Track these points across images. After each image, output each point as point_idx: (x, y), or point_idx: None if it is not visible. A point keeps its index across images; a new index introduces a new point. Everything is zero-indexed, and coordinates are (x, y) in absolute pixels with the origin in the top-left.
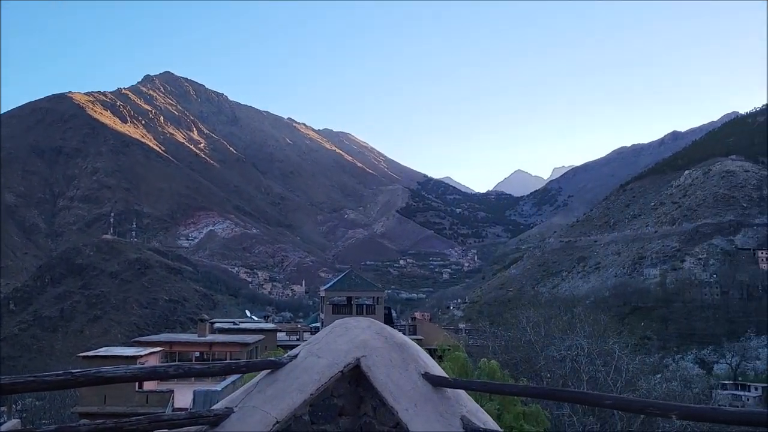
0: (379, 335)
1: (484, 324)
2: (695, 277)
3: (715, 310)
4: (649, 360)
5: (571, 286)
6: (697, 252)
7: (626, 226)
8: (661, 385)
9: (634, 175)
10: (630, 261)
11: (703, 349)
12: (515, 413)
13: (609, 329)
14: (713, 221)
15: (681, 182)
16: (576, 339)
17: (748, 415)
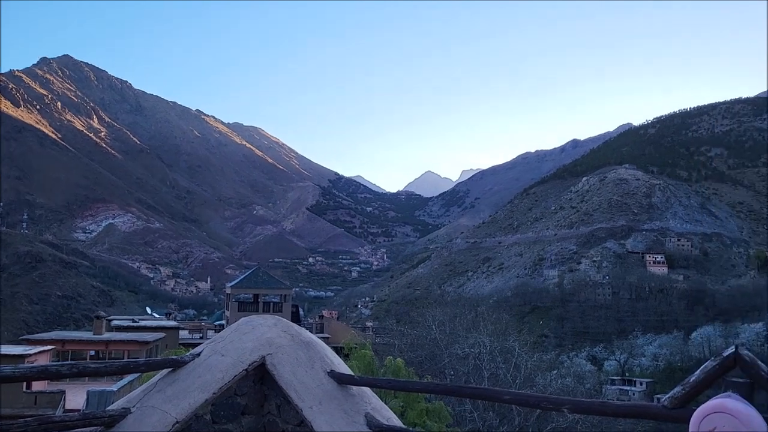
0: (285, 333)
1: (391, 322)
2: (590, 278)
3: (607, 310)
4: (546, 357)
5: (476, 286)
6: (592, 255)
7: (529, 229)
8: (557, 380)
9: (537, 180)
10: (531, 262)
11: (595, 346)
12: (419, 410)
13: (510, 328)
14: (607, 226)
15: (579, 188)
16: (479, 337)
17: (631, 407)
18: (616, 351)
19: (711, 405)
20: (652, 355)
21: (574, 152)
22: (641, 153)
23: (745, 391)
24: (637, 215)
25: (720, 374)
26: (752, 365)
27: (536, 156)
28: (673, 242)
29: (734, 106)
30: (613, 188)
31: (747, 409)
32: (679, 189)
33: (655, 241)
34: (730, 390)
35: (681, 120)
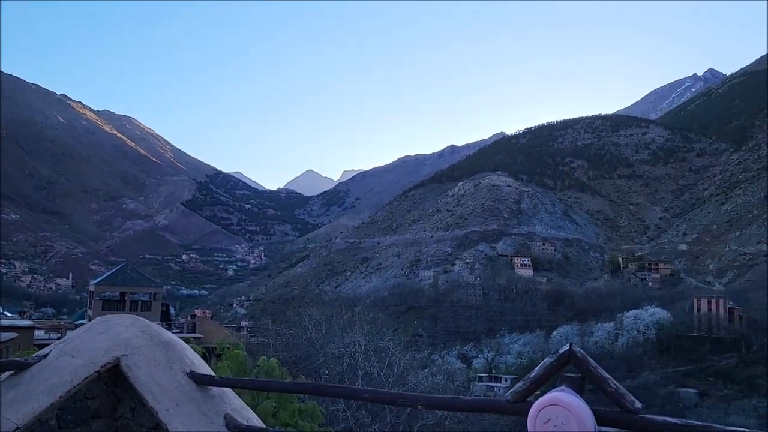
0: (143, 333)
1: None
2: (463, 279)
3: (477, 310)
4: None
5: (354, 286)
6: (466, 257)
7: (407, 230)
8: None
9: (416, 182)
10: (408, 263)
11: (465, 345)
12: (291, 410)
13: (385, 327)
14: (480, 229)
15: (455, 192)
16: (355, 336)
17: (478, 402)
18: (485, 349)
19: (547, 398)
20: (516, 352)
21: (452, 157)
22: (513, 161)
23: (577, 384)
24: (508, 220)
25: (557, 370)
26: (583, 361)
27: (416, 160)
28: (538, 246)
29: (595, 121)
30: (486, 193)
31: (578, 401)
32: (545, 196)
33: (522, 245)
34: (564, 384)
35: (548, 132)
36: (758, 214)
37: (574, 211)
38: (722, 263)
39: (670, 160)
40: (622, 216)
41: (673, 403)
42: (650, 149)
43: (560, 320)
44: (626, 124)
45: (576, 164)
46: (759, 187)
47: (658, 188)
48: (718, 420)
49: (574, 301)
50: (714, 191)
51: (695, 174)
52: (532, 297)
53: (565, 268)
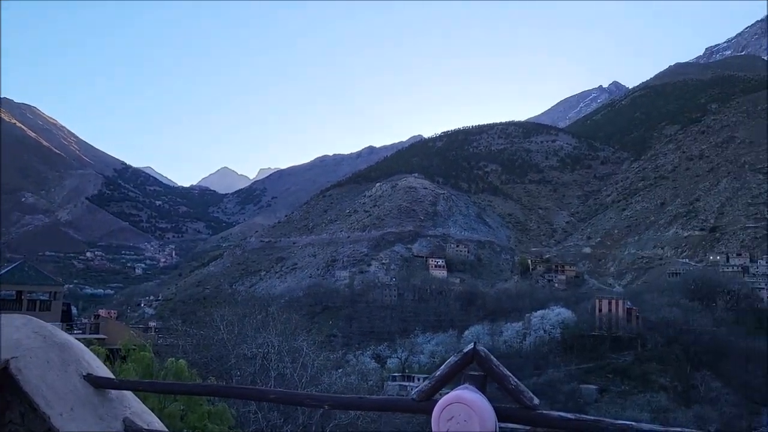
0: (36, 334)
1: (177, 322)
2: (378, 279)
3: (392, 310)
4: (333, 356)
5: (268, 286)
6: (382, 257)
7: (323, 230)
8: (341, 379)
9: (334, 182)
10: (324, 263)
11: (380, 345)
12: (200, 413)
13: (300, 327)
14: (396, 230)
15: (373, 193)
16: (268, 337)
17: (385, 401)
18: (399, 349)
19: (450, 396)
20: (429, 352)
21: (370, 158)
22: (429, 164)
23: (480, 382)
24: (423, 221)
25: (461, 368)
26: (486, 360)
27: (334, 159)
28: (452, 248)
29: (508, 127)
30: (403, 195)
31: (480, 399)
32: (460, 199)
33: (437, 246)
34: (467, 382)
35: (464, 136)
36: (655, 220)
37: (487, 214)
38: (622, 266)
39: (576, 167)
40: (531, 219)
41: (575, 399)
42: (559, 156)
43: (472, 320)
44: (537, 131)
45: (490, 168)
46: (656, 194)
47: (565, 193)
48: (615, 414)
49: (486, 301)
50: (616, 197)
51: (599, 181)
52: (446, 297)
53: (478, 269)
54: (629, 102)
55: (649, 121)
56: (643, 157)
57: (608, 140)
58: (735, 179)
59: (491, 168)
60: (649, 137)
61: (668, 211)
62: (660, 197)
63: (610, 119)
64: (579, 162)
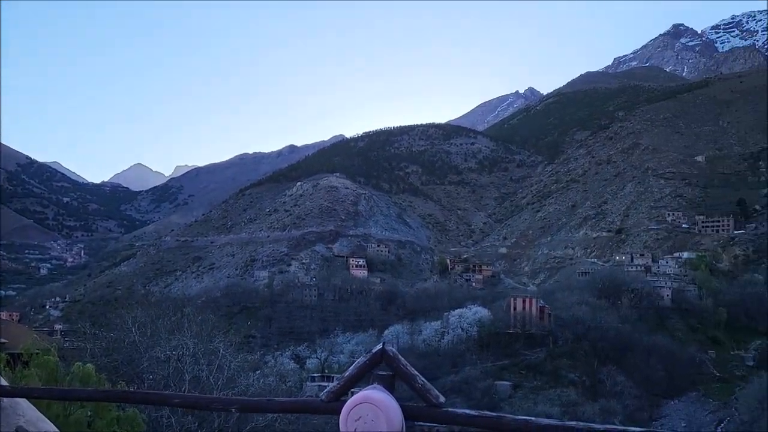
0: None
1: (85, 325)
2: (298, 279)
3: (312, 310)
4: (251, 357)
5: (184, 286)
6: (302, 257)
7: (242, 230)
8: (259, 380)
9: (254, 181)
10: (243, 263)
11: (299, 345)
12: (109, 419)
13: (216, 329)
14: (317, 230)
15: (293, 192)
16: (182, 339)
17: (294, 403)
18: (318, 349)
19: (358, 396)
20: (349, 352)
21: (291, 157)
22: (351, 164)
23: (388, 382)
24: (344, 221)
25: (370, 368)
26: (394, 359)
27: (254, 158)
28: (373, 248)
29: (429, 129)
30: (324, 195)
31: (387, 398)
32: (381, 199)
33: (358, 246)
34: (376, 382)
35: (386, 137)
36: (566, 222)
37: (407, 215)
38: (535, 265)
39: (494, 170)
40: (450, 220)
41: (490, 395)
42: (477, 158)
43: (392, 319)
44: (457, 133)
45: (410, 169)
46: (567, 197)
47: (483, 195)
48: (528, 409)
49: (406, 300)
50: (530, 199)
51: (515, 183)
52: (366, 297)
53: (398, 269)
54: (543, 108)
55: (562, 126)
56: (556, 161)
57: (524, 144)
58: (639, 184)
59: (412, 169)
60: (561, 142)
61: (578, 213)
62: (571, 200)
63: (526, 124)
64: (496, 164)
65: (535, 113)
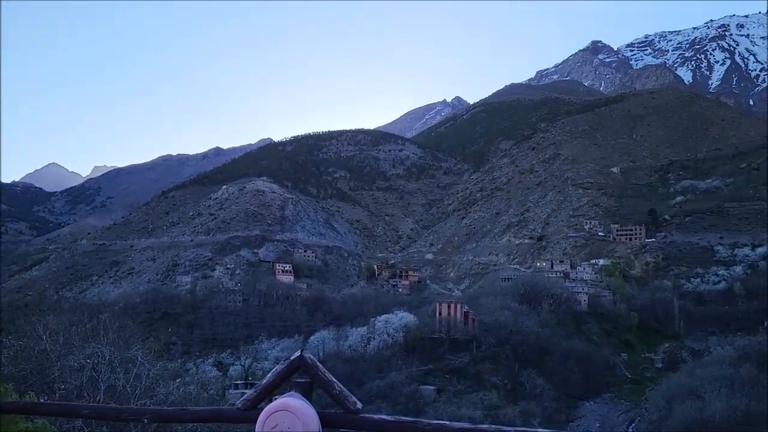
0: None
1: None
2: (223, 285)
3: (236, 316)
4: (171, 365)
5: (101, 291)
6: (227, 262)
7: (164, 233)
8: (179, 389)
9: (177, 183)
10: (164, 268)
11: (222, 352)
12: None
13: (135, 336)
14: (243, 234)
15: (219, 196)
16: (98, 347)
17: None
18: (242, 356)
19: (275, 404)
20: (274, 358)
21: (216, 160)
22: (278, 167)
23: (306, 389)
24: (271, 226)
25: (287, 375)
26: (312, 367)
27: (178, 159)
28: (300, 253)
29: (357, 135)
30: (250, 198)
31: (304, 405)
32: (309, 204)
33: (284, 251)
34: (293, 390)
35: (314, 141)
36: (490, 229)
37: (335, 220)
38: (460, 271)
39: (421, 176)
40: (378, 226)
41: (415, 400)
42: (405, 165)
43: (318, 325)
44: (385, 140)
45: (339, 174)
46: (492, 205)
47: (410, 201)
48: (452, 413)
49: (332, 306)
50: (456, 206)
51: (442, 190)
52: (292, 303)
53: (325, 274)
54: (470, 117)
55: (487, 135)
56: (482, 169)
57: (451, 152)
58: (559, 193)
59: (340, 174)
60: (487, 151)
61: (502, 221)
62: (495, 207)
63: (453, 132)
64: (424, 171)
65: (461, 122)
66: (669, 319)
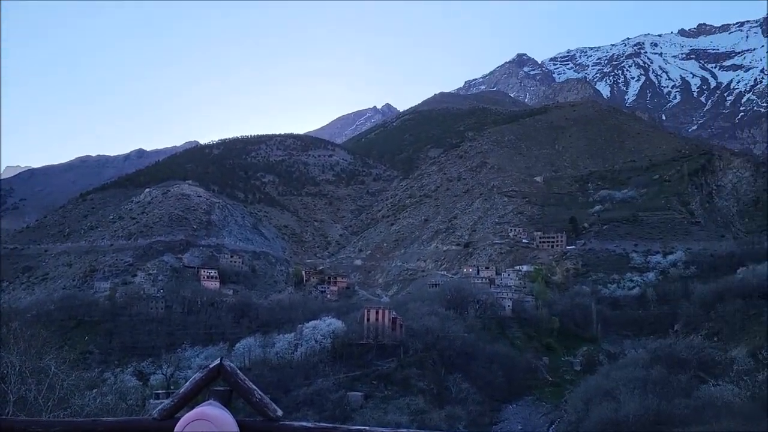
0: None
1: None
2: (144, 291)
3: (159, 324)
4: (87, 375)
5: (12, 298)
6: (149, 267)
7: (82, 237)
8: (96, 399)
9: (97, 186)
10: (81, 273)
11: (143, 361)
12: None
13: (49, 344)
14: (166, 239)
15: (141, 199)
16: (8, 356)
17: (124, 422)
18: (164, 365)
19: (193, 413)
20: (197, 366)
21: (139, 162)
22: (205, 171)
23: (225, 397)
24: (196, 231)
25: (206, 384)
26: (232, 374)
27: (98, 161)
28: (226, 258)
29: (287, 139)
30: (175, 202)
31: (223, 414)
32: (236, 209)
33: (210, 257)
34: (212, 398)
35: (243, 145)
36: (419, 235)
37: (263, 225)
38: (389, 277)
39: (351, 182)
40: (307, 231)
41: (342, 406)
42: (335, 171)
43: (244, 332)
44: (315, 145)
45: (267, 179)
46: (420, 211)
47: (340, 207)
48: (378, 418)
49: (259, 313)
50: (386, 213)
51: (371, 196)
52: (218, 309)
53: (252, 280)
54: (400, 124)
55: (417, 143)
56: (411, 176)
57: (381, 158)
58: (486, 200)
59: (269, 179)
60: (416, 158)
61: (431, 227)
62: (424, 214)
63: (383, 139)
64: (354, 177)
65: (392, 129)
66: (587, 324)
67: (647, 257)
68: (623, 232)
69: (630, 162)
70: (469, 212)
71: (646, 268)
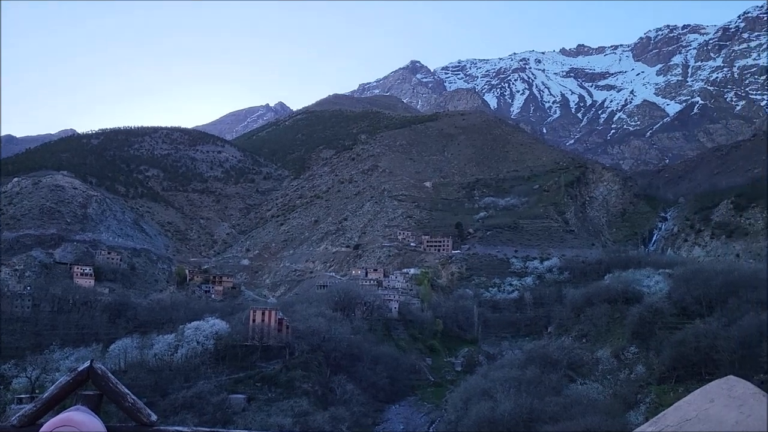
0: None
1: None
2: (8, 288)
3: (24, 323)
4: None
5: None
6: (15, 263)
7: None
8: None
9: None
10: None
11: (5, 363)
12: None
13: None
14: (36, 233)
15: (9, 189)
16: None
17: None
18: (29, 367)
19: (58, 419)
20: (67, 369)
21: (8, 149)
22: (82, 162)
23: (94, 402)
24: (70, 225)
25: (74, 388)
26: (103, 378)
27: None
28: (103, 255)
29: (174, 133)
30: (47, 194)
31: (91, 419)
32: (116, 203)
33: (85, 253)
34: (80, 403)
35: (125, 137)
36: (308, 236)
37: (145, 221)
38: (277, 278)
39: (240, 180)
40: (192, 229)
41: (223, 410)
42: (224, 167)
43: (121, 333)
44: (204, 140)
45: (151, 173)
46: (310, 212)
47: (228, 205)
48: (261, 421)
49: (138, 312)
50: (275, 212)
51: (261, 195)
52: (92, 309)
53: (131, 278)
54: (292, 123)
55: (309, 143)
56: (302, 177)
57: (272, 157)
58: (376, 203)
59: (153, 173)
60: (308, 158)
61: (321, 228)
62: (314, 215)
63: (275, 137)
64: (243, 175)
65: (284, 127)
66: (469, 326)
67: (526, 262)
68: (505, 238)
69: (513, 171)
70: (359, 214)
71: (524, 272)
